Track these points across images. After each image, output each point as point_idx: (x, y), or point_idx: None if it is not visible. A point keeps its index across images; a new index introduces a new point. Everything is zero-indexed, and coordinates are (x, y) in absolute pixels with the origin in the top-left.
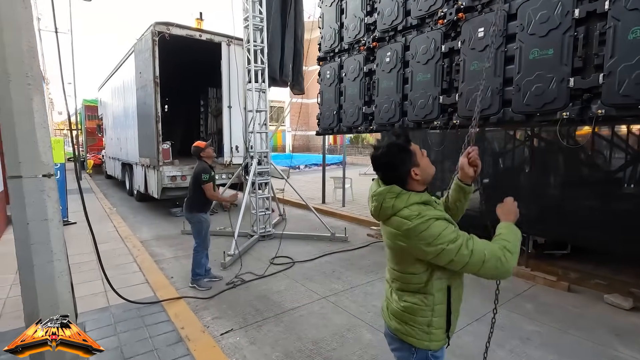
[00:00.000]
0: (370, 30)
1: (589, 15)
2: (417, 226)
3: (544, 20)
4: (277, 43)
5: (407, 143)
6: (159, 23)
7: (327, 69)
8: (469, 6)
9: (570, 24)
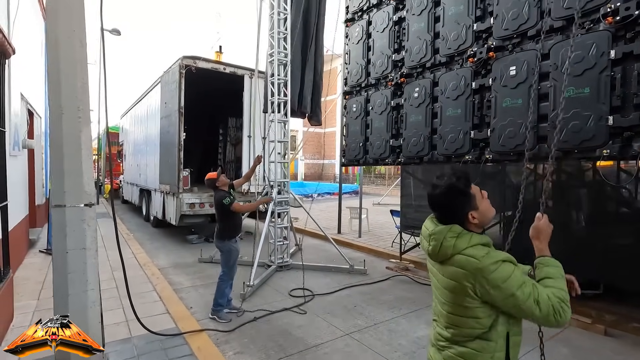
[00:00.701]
0: (397, 66)
1: (625, 55)
2: (488, 266)
3: (578, 60)
4: (297, 76)
5: (467, 186)
6: (186, 57)
7: (353, 103)
8: (500, 46)
9: (606, 64)
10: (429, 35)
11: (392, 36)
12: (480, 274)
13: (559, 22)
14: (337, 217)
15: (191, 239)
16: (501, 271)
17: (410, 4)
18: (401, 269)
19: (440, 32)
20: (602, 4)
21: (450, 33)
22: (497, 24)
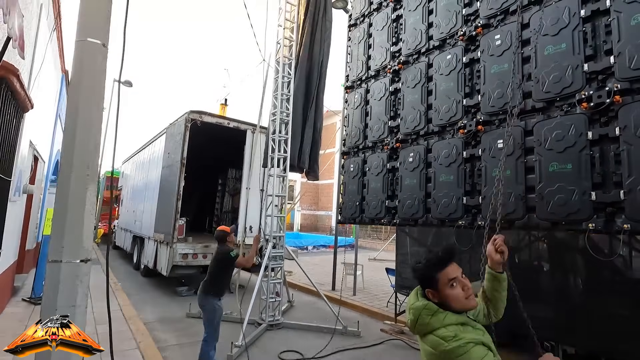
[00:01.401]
0: (393, 132)
1: (602, 137)
2: (454, 349)
3: (560, 138)
4: (297, 133)
5: (433, 270)
6: (193, 111)
7: (350, 163)
8: (487, 120)
9: (585, 144)
10: (423, 106)
11: (388, 104)
12: (448, 356)
13: (540, 103)
14: (331, 272)
15: (181, 290)
16: (470, 354)
17: (405, 77)
18: (396, 332)
19: (433, 104)
20: (577, 91)
21: (442, 106)
22: (484, 101)
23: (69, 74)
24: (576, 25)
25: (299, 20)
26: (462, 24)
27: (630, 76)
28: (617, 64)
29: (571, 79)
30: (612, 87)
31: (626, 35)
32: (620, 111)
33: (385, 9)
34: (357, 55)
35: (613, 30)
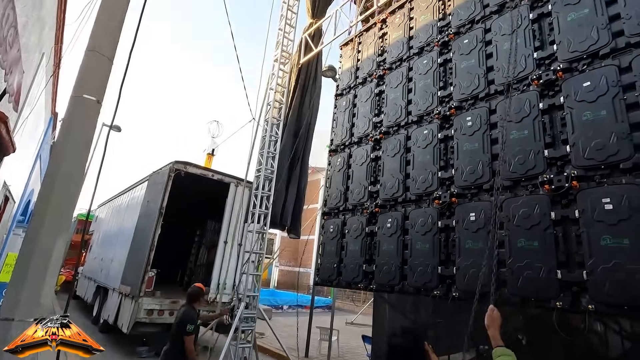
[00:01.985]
0: (373, 197)
1: (564, 218)
2: None
3: (526, 216)
4: (281, 190)
5: None
6: (178, 162)
7: (330, 224)
8: (460, 193)
9: (549, 223)
10: (401, 175)
11: (369, 170)
12: None
13: (508, 182)
14: (306, 336)
15: (141, 351)
16: None
17: (386, 146)
18: None
19: (411, 173)
20: (539, 173)
21: (419, 176)
22: (457, 175)
23: (58, 117)
24: (536, 116)
25: (290, 85)
26: (437, 104)
27: (584, 164)
28: (572, 152)
29: (534, 162)
30: (569, 173)
31: (579, 128)
32: (579, 195)
33: (369, 83)
34: (342, 122)
35: (567, 123)
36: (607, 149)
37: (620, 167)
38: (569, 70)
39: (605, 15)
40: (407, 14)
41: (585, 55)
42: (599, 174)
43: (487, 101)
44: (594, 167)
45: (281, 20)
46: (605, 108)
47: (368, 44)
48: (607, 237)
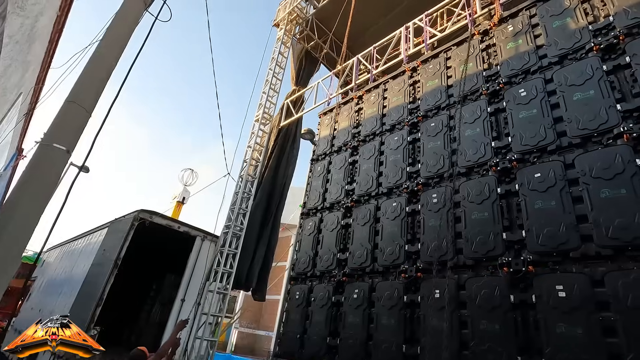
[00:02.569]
0: (341, 265)
1: (522, 302)
2: None
3: (487, 297)
4: (250, 249)
5: None
6: (144, 211)
7: (297, 290)
8: (426, 268)
9: (509, 306)
10: (370, 245)
11: (339, 237)
12: None
13: (470, 260)
14: None
15: None
16: None
17: (356, 214)
18: None
19: (379, 244)
20: (499, 255)
21: (387, 247)
22: (423, 249)
23: (23, 152)
24: (495, 200)
25: (269, 145)
26: (406, 179)
27: (539, 250)
28: (527, 237)
29: (494, 244)
30: (526, 257)
31: (532, 215)
32: (535, 280)
33: (344, 152)
34: (315, 187)
35: (522, 209)
36: (558, 237)
37: (570, 256)
38: (521, 160)
39: (550, 117)
40: (381, 93)
41: (535, 149)
42: (552, 260)
43: (452, 181)
44: (547, 253)
45: (266, 85)
46: (555, 199)
47: (345, 116)
48: (562, 325)
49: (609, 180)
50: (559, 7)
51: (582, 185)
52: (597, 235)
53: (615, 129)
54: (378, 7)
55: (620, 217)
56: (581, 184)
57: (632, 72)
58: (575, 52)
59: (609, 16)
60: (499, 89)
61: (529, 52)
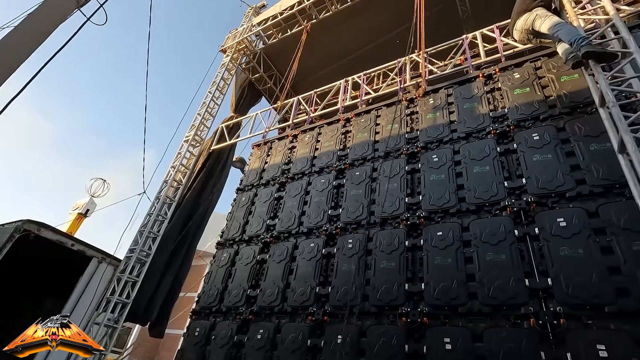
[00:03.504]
0: (250, 302)
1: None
2: None
3: (386, 345)
4: (155, 278)
5: None
6: (31, 222)
7: (197, 326)
8: (332, 312)
9: (404, 356)
10: (282, 283)
11: (252, 272)
12: None
13: (374, 308)
14: None
15: None
16: None
17: (274, 251)
18: None
19: (292, 284)
20: (400, 305)
21: (299, 288)
22: (332, 293)
23: None
24: (402, 252)
25: (196, 167)
26: (327, 221)
27: (434, 303)
28: (425, 290)
29: (397, 293)
30: (422, 309)
31: (432, 270)
32: (427, 331)
33: (271, 187)
34: (237, 217)
35: (424, 263)
36: (450, 292)
37: (458, 311)
38: (428, 218)
39: (454, 183)
40: (315, 136)
41: (440, 210)
42: (443, 314)
43: (367, 229)
44: (440, 307)
45: (202, 107)
46: (451, 256)
47: (278, 151)
48: None
49: (494, 245)
50: (469, 92)
51: (473, 247)
52: (480, 294)
53: (502, 202)
54: (324, 58)
55: (499, 279)
56: (472, 246)
57: (517, 157)
58: (478, 132)
59: (505, 108)
60: (416, 151)
61: (443, 125)
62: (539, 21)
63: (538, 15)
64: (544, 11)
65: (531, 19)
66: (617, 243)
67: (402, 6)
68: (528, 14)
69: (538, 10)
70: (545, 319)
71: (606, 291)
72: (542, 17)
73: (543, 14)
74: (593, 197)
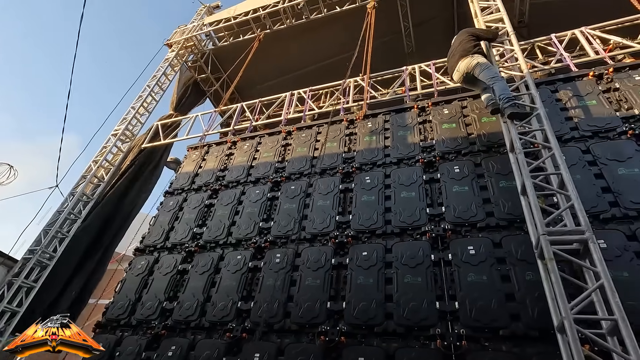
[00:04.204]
0: (165, 315)
1: None
2: None
3: None
4: (59, 284)
5: None
6: None
7: (100, 340)
8: (253, 329)
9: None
10: (202, 296)
11: (171, 284)
12: None
13: (295, 325)
14: None
15: None
16: None
17: (198, 261)
18: None
19: (213, 297)
20: (320, 323)
21: (220, 302)
22: (255, 308)
23: None
24: (328, 269)
25: (123, 164)
26: (257, 234)
27: (352, 322)
28: (346, 309)
29: (318, 311)
30: (341, 327)
31: (354, 289)
32: (344, 351)
33: (203, 193)
34: (162, 222)
35: (347, 282)
36: (369, 312)
37: (374, 331)
38: (355, 237)
39: (383, 205)
40: (255, 145)
41: (367, 230)
42: (361, 333)
43: (297, 244)
44: (358, 326)
45: (138, 101)
46: (373, 277)
47: (214, 156)
48: None
49: (412, 268)
50: (404, 121)
51: (394, 268)
52: (396, 314)
53: (423, 227)
54: (273, 69)
55: (414, 301)
56: (393, 267)
57: (440, 187)
58: (408, 159)
59: (433, 139)
60: (351, 171)
61: (378, 149)
62: (478, 69)
63: (479, 63)
64: (484, 60)
65: (472, 64)
66: (514, 272)
67: (354, 31)
68: (470, 59)
69: (479, 58)
70: (450, 340)
71: (502, 316)
72: (482, 66)
73: (483, 62)
74: (498, 229)
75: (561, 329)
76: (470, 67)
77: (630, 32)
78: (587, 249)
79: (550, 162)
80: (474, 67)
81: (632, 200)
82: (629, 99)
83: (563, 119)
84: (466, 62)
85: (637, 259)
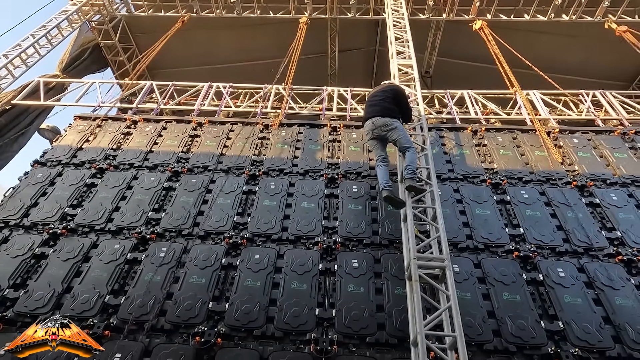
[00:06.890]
0: (7, 307)
1: None
2: None
3: None
4: None
5: None
6: None
7: None
8: (119, 327)
9: None
10: (62, 286)
11: (21, 268)
12: None
13: (169, 325)
14: None
15: None
16: None
17: (62, 245)
18: None
19: (75, 288)
20: (199, 323)
21: (83, 294)
22: (125, 304)
23: None
24: (215, 269)
25: None
26: (143, 223)
27: (232, 324)
28: (226, 310)
29: (197, 312)
30: (219, 329)
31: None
32: (219, 352)
33: (85, 170)
34: (22, 195)
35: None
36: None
37: (253, 334)
38: (250, 240)
39: (283, 212)
40: (159, 130)
41: (264, 234)
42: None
43: (187, 239)
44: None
45: (14, 50)
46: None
47: (108, 132)
48: None
49: (300, 275)
50: (316, 136)
51: (283, 274)
52: (277, 318)
53: (317, 238)
54: (192, 55)
55: (296, 307)
56: (282, 273)
57: (337, 202)
58: (314, 172)
59: (339, 159)
60: (258, 174)
61: (288, 158)
62: (396, 133)
63: (397, 128)
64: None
65: (391, 126)
66: (387, 286)
67: (286, 39)
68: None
69: (397, 123)
70: (323, 344)
71: (371, 324)
72: (401, 130)
73: (402, 128)
74: (380, 247)
75: (415, 343)
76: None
77: (503, 103)
78: (444, 275)
79: (429, 196)
80: (392, 129)
81: (482, 235)
82: (491, 154)
83: (444, 161)
84: (384, 120)
85: (478, 283)
